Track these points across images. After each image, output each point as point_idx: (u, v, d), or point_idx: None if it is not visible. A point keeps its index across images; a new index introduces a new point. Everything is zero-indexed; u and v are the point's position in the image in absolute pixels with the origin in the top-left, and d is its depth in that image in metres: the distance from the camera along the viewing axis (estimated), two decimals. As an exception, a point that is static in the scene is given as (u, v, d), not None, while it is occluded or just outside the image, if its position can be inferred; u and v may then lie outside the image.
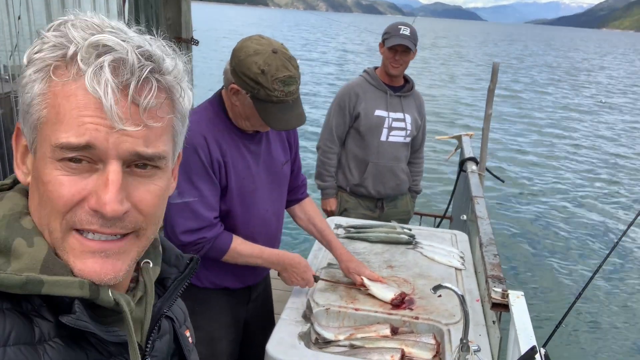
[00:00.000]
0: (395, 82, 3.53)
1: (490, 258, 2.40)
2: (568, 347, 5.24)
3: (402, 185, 3.68)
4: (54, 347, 0.69)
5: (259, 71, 1.83)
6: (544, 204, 9.61)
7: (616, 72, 39.84)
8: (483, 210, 3.12)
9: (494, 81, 4.14)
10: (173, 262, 0.92)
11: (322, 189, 3.66)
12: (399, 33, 3.35)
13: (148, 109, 0.69)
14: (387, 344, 2.03)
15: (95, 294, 0.71)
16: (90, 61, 0.67)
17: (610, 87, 29.18)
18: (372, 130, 3.47)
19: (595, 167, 12.45)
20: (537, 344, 1.70)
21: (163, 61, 0.72)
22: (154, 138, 0.72)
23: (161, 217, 0.79)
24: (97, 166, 0.70)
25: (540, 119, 17.95)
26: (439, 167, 10.98)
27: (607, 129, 17.13)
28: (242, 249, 2.06)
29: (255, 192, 2.10)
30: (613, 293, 6.51)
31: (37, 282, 0.67)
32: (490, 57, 39.64)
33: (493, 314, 2.15)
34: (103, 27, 0.71)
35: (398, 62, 3.39)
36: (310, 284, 2.28)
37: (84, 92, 0.67)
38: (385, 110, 3.48)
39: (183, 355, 0.95)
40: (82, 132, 0.67)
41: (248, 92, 1.88)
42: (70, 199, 0.69)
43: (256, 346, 2.28)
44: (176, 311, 0.98)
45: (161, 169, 0.75)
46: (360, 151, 3.53)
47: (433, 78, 26.99)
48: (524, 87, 26.30)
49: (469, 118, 16.96)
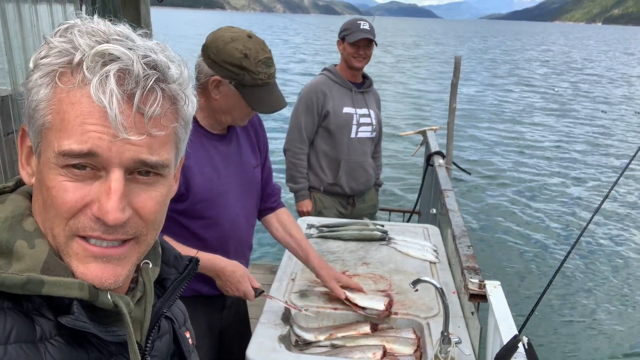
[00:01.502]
0: (356, 78, 3.56)
1: (464, 250, 2.41)
2: (543, 332, 5.37)
3: (370, 180, 3.72)
4: (56, 346, 0.70)
5: (241, 55, 1.84)
6: (511, 194, 9.83)
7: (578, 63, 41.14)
8: (453, 203, 3.14)
9: (456, 75, 4.19)
10: (172, 263, 0.93)
11: (295, 192, 3.61)
12: (360, 28, 3.39)
13: (153, 117, 0.71)
14: (368, 342, 2.02)
15: (95, 296, 0.73)
16: (95, 70, 0.68)
17: (568, 76, 30.12)
18: (342, 128, 3.48)
19: (559, 154, 12.83)
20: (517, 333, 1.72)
21: (168, 69, 0.73)
22: (158, 146, 0.73)
23: (161, 222, 0.80)
24: (100, 173, 0.71)
25: (503, 111, 18.37)
26: (405, 163, 11.11)
27: (568, 116, 17.65)
28: None
29: (225, 195, 2.04)
30: (584, 276, 6.73)
31: (38, 283, 0.69)
32: (453, 53, 40.28)
33: (471, 305, 2.17)
34: (109, 34, 0.71)
35: (362, 55, 3.43)
36: (249, 297, 2.02)
37: (88, 100, 0.68)
38: (352, 107, 3.50)
39: (183, 356, 0.96)
40: (85, 139, 0.68)
41: (232, 81, 1.87)
42: (74, 205, 0.71)
43: (233, 354, 2.23)
44: (176, 312, 1.00)
45: (163, 176, 0.76)
46: (330, 149, 3.52)
47: (395, 75, 27.28)
48: (485, 79, 26.88)
49: (435, 112, 17.23)
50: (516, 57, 45.06)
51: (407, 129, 12.20)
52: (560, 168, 11.60)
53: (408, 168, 10.63)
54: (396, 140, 12.41)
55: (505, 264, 6.98)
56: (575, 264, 6.97)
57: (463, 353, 1.88)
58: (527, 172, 11.27)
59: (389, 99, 19.00)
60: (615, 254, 7.41)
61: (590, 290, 6.35)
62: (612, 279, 6.69)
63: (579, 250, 7.26)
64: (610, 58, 49.41)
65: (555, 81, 27.30)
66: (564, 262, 1.67)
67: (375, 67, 28.52)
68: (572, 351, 5.17)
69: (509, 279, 6.35)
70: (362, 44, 3.39)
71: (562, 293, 6.20)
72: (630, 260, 7.27)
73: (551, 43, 77.16)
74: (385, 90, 20.45)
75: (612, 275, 6.78)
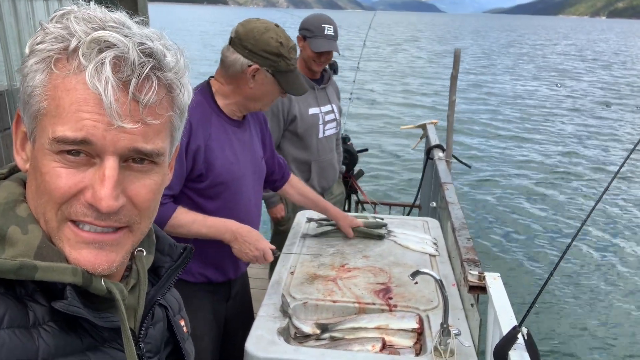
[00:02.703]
0: (316, 75, 3.46)
1: (464, 242, 2.40)
2: (543, 324, 5.38)
3: (337, 174, 3.73)
4: (49, 331, 0.70)
5: (278, 44, 1.97)
6: (510, 187, 9.82)
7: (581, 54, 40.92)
8: (453, 196, 3.14)
9: (456, 68, 4.17)
10: (167, 251, 0.93)
11: (266, 199, 3.48)
12: (324, 33, 3.25)
13: (148, 105, 0.71)
14: (367, 334, 2.01)
15: (88, 282, 0.73)
16: (91, 57, 0.68)
17: (571, 71, 30.01)
18: (309, 131, 3.39)
19: (559, 148, 12.81)
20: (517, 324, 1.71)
21: (164, 57, 0.73)
22: (153, 134, 0.73)
23: (155, 210, 0.81)
24: (94, 160, 0.71)
25: (504, 104, 18.34)
26: (405, 156, 11.10)
27: (570, 110, 17.60)
28: (184, 217, 1.96)
29: (242, 179, 2.12)
30: (586, 267, 6.73)
31: (31, 268, 0.69)
32: (452, 48, 40.22)
33: (470, 297, 2.16)
34: (105, 21, 0.71)
35: (322, 61, 3.34)
36: (268, 256, 2.10)
37: (84, 87, 0.68)
38: (317, 106, 3.43)
39: (177, 343, 0.96)
40: (80, 127, 0.68)
41: (270, 68, 1.99)
42: (67, 190, 0.71)
43: (237, 344, 2.24)
44: (170, 300, 1.00)
45: (158, 164, 0.76)
46: (300, 152, 3.42)
47: (397, 69, 27.24)
48: (487, 72, 26.82)
49: (435, 105, 17.20)
50: (547, 52, 44.54)
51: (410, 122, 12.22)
52: (563, 162, 11.58)
53: (408, 163, 10.63)
54: (398, 135, 12.42)
55: (505, 255, 6.99)
56: (577, 254, 6.97)
57: (463, 345, 1.87)
58: (528, 164, 11.26)
59: (393, 95, 18.99)
60: (616, 245, 7.41)
61: (591, 282, 6.35)
62: (613, 270, 6.70)
63: (580, 241, 7.26)
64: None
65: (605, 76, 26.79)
66: (565, 254, 1.66)
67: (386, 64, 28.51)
68: (572, 342, 5.18)
69: (509, 271, 6.36)
70: (324, 53, 3.28)
71: (563, 284, 6.20)
72: (634, 250, 7.27)
73: (574, 37, 76.32)
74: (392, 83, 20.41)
75: (614, 267, 6.78)
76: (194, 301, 2.11)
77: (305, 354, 1.85)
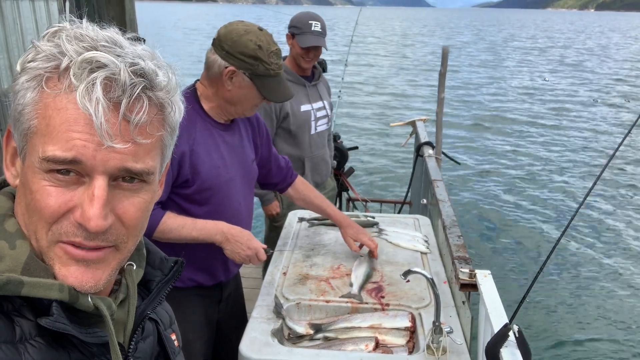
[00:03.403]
0: (306, 72, 3.50)
1: (454, 240, 2.42)
2: (534, 320, 5.42)
3: (329, 169, 3.79)
4: (36, 346, 0.70)
5: (256, 47, 1.93)
6: (499, 183, 9.88)
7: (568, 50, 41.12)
8: (443, 193, 3.16)
9: (444, 65, 4.19)
10: (157, 265, 0.93)
11: (261, 197, 3.52)
12: (311, 30, 3.30)
13: (139, 125, 0.71)
14: (360, 334, 2.03)
15: (75, 299, 0.73)
16: (82, 77, 0.68)
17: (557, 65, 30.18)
18: (302, 127, 3.44)
19: (547, 143, 12.90)
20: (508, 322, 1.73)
21: (156, 76, 0.73)
22: (143, 154, 0.73)
23: (143, 229, 0.80)
24: (83, 179, 0.71)
25: (490, 101, 18.41)
26: (394, 154, 11.13)
27: (557, 107, 17.71)
28: (172, 222, 1.94)
29: (230, 183, 2.10)
30: (575, 263, 6.79)
31: (18, 283, 0.68)
32: (440, 44, 40.27)
33: (462, 295, 2.18)
34: (97, 40, 0.71)
35: (311, 57, 3.38)
36: (261, 255, 2.08)
37: (74, 107, 0.68)
38: (309, 103, 3.47)
39: (168, 357, 0.95)
40: (70, 147, 0.68)
41: (247, 71, 1.95)
42: (57, 209, 0.71)
43: (230, 346, 2.25)
44: (161, 314, 0.99)
45: (148, 182, 0.76)
46: (293, 149, 3.46)
47: (386, 66, 27.26)
48: (473, 68, 26.92)
49: (424, 103, 17.25)
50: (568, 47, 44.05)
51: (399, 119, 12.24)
52: (551, 158, 11.67)
53: (398, 160, 10.66)
54: (388, 133, 12.45)
55: (495, 253, 7.04)
56: (566, 250, 7.03)
57: (455, 342, 1.89)
58: (517, 160, 11.33)
59: (379, 92, 19.01)
60: (604, 241, 7.49)
61: (581, 278, 6.41)
62: (602, 265, 6.77)
63: (569, 236, 7.33)
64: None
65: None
66: (553, 250, 1.68)
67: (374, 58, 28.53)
68: (563, 339, 5.23)
69: (500, 268, 6.41)
70: (312, 48, 3.32)
71: (554, 281, 6.26)
72: (621, 247, 7.34)
73: (586, 32, 75.73)
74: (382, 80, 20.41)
75: (602, 262, 6.85)
76: (185, 305, 2.10)
77: (299, 355, 1.86)
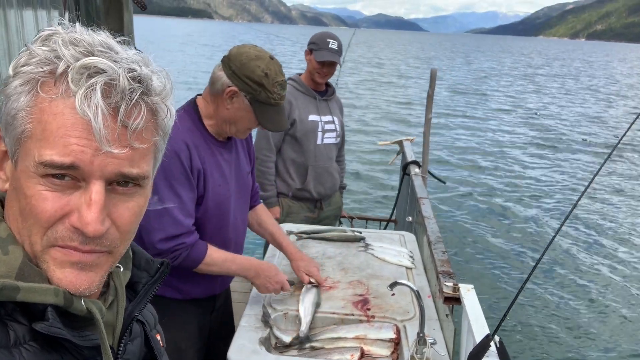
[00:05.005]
0: (320, 87, 3.70)
1: (439, 255, 2.49)
2: (517, 333, 5.50)
3: (336, 184, 3.87)
4: (30, 351, 0.70)
5: (262, 74, 1.95)
6: (483, 202, 10.01)
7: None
8: (429, 211, 3.23)
9: (432, 87, 4.29)
10: (143, 266, 0.93)
11: (264, 200, 3.58)
12: (328, 47, 3.52)
13: (136, 131, 0.71)
14: (346, 344, 2.07)
15: (69, 303, 0.72)
16: (81, 83, 0.67)
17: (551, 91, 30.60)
18: (308, 135, 3.58)
19: (531, 164, 13.14)
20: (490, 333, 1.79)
21: (152, 82, 0.73)
22: (139, 158, 0.73)
23: (134, 232, 0.80)
24: (80, 183, 0.71)
25: (476, 122, 18.68)
26: (381, 172, 11.23)
27: (541, 128, 18.00)
28: (217, 256, 2.06)
29: (229, 200, 2.15)
30: (557, 278, 6.92)
31: (13, 289, 0.68)
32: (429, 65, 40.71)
33: (445, 308, 2.24)
34: (93, 45, 0.71)
35: (325, 73, 3.58)
36: (286, 287, 2.24)
37: (72, 112, 0.68)
38: (317, 114, 3.62)
39: (155, 358, 0.96)
40: (67, 152, 0.68)
41: (248, 95, 1.97)
42: (53, 214, 0.70)
43: (219, 354, 2.27)
44: (147, 315, 0.99)
45: (142, 187, 0.77)
46: (298, 156, 3.62)
47: (376, 86, 27.53)
48: (461, 90, 27.29)
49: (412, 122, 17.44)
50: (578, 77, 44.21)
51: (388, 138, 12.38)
52: (534, 177, 11.89)
53: (382, 180, 10.78)
54: (374, 151, 12.56)
55: (479, 267, 7.14)
56: (549, 265, 7.17)
57: (438, 353, 1.94)
58: (499, 182, 11.50)
59: (372, 110, 19.18)
60: (587, 257, 7.64)
61: (563, 293, 6.54)
62: (584, 281, 6.89)
63: (552, 253, 7.46)
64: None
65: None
66: (537, 264, 1.74)
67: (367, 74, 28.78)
68: (544, 350, 5.32)
69: (483, 283, 6.50)
70: (327, 63, 3.52)
71: (536, 295, 6.36)
72: (604, 263, 7.49)
73: (585, 60, 75.85)
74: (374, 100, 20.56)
75: (584, 278, 6.98)
76: (180, 316, 2.13)
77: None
